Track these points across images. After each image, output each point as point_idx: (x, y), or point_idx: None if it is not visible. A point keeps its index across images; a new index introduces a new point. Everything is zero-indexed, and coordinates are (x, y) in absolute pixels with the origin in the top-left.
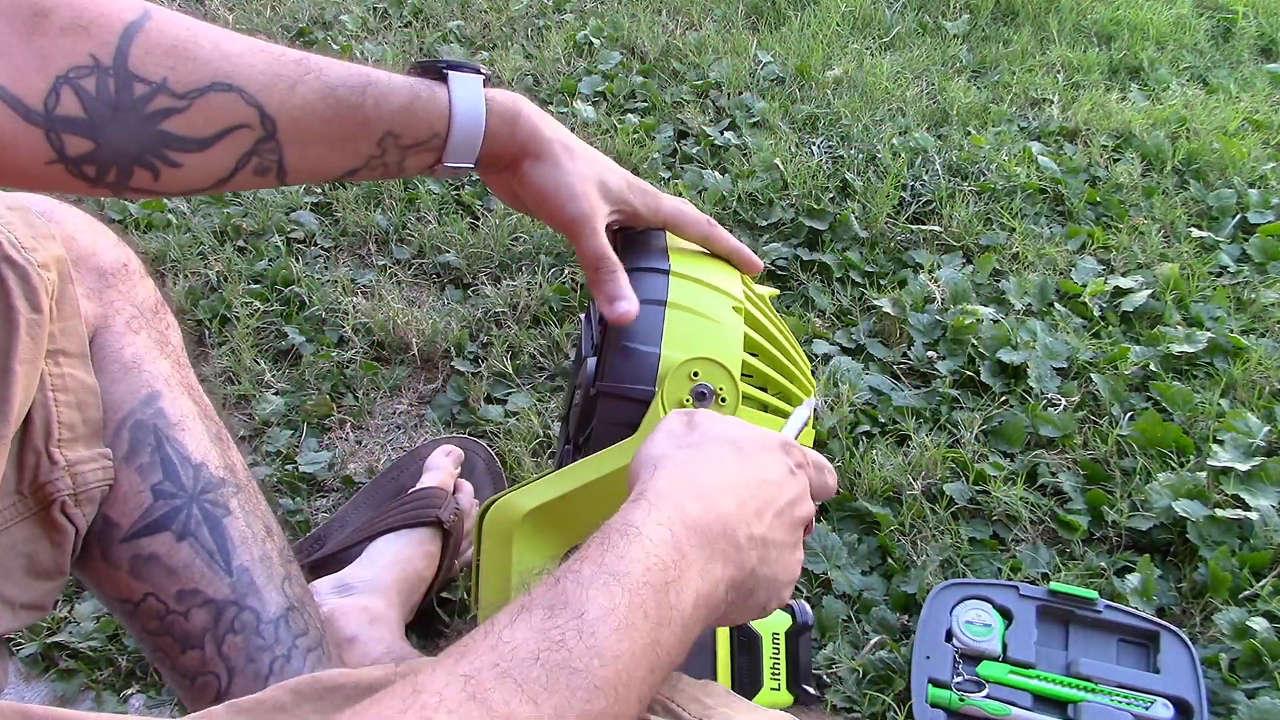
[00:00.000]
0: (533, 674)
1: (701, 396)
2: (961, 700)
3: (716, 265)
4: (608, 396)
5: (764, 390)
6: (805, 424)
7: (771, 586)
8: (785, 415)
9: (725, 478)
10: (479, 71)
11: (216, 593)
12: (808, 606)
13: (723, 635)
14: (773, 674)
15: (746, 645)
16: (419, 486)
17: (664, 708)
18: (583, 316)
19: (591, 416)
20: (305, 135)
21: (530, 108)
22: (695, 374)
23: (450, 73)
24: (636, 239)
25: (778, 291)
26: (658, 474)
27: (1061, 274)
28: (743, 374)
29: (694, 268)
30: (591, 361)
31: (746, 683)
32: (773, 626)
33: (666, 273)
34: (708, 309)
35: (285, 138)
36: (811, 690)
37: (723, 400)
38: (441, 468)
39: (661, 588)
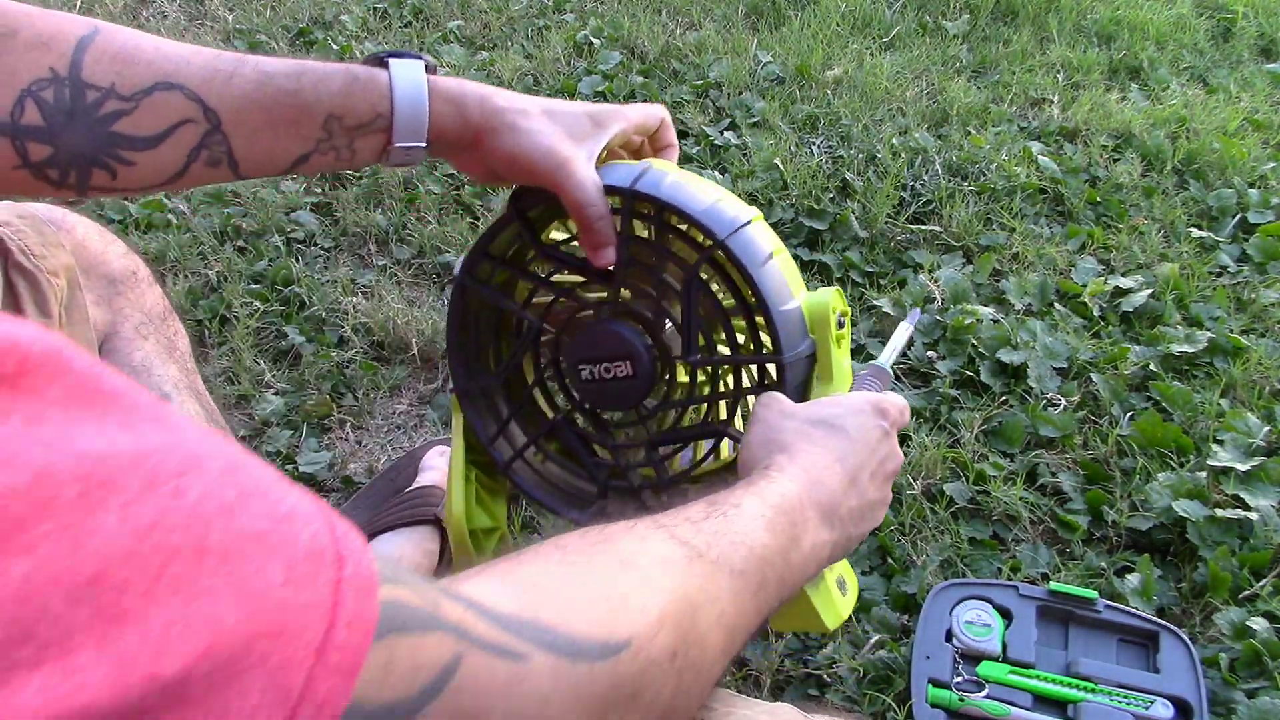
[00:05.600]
0: (705, 526)
1: (840, 325)
2: (961, 700)
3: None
4: (793, 366)
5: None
6: (905, 345)
7: (860, 537)
8: None
9: (828, 457)
10: (420, 58)
11: None
12: None
13: None
14: None
15: None
16: (415, 486)
17: None
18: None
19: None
20: (249, 124)
21: (477, 86)
22: (834, 309)
23: (390, 59)
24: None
25: None
26: (777, 457)
27: (1061, 274)
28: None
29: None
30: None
31: None
32: None
33: (749, 223)
34: (779, 245)
35: (230, 129)
36: None
37: (843, 321)
38: (436, 467)
39: (792, 522)
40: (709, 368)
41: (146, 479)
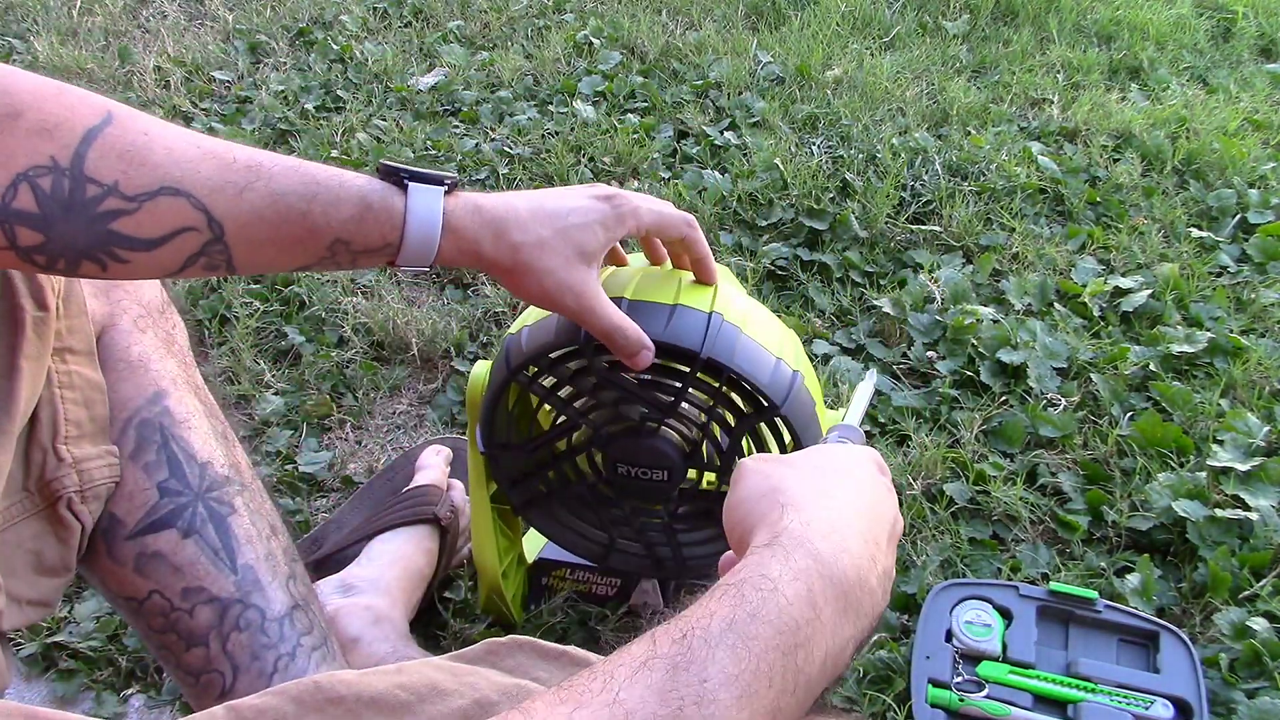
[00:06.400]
0: None
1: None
2: (961, 700)
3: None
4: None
5: None
6: (869, 404)
7: (881, 615)
8: None
9: (848, 513)
10: (442, 182)
11: (221, 590)
12: None
13: None
14: None
15: None
16: (413, 485)
17: None
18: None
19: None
20: (253, 239)
21: (493, 213)
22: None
23: (410, 184)
24: None
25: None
26: (787, 513)
27: (1061, 274)
28: None
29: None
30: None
31: None
32: None
33: (798, 374)
34: (810, 371)
35: (233, 240)
36: None
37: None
38: (433, 466)
39: (790, 650)
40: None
41: None
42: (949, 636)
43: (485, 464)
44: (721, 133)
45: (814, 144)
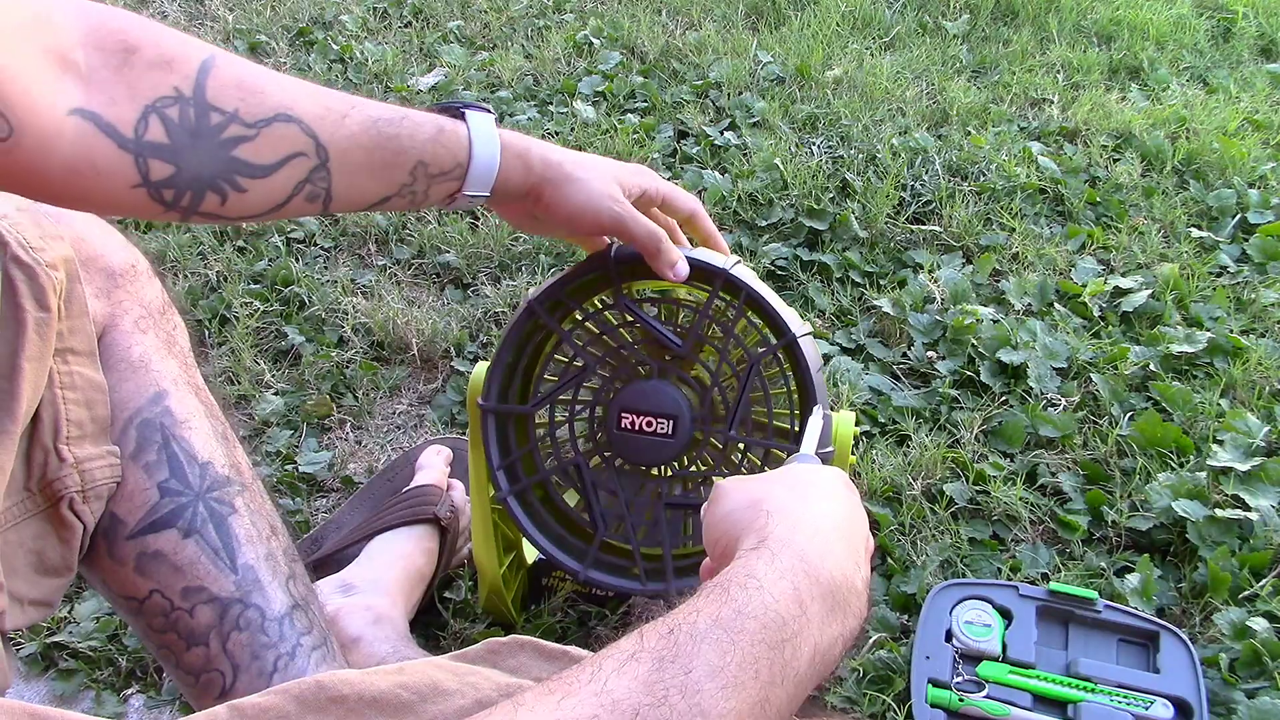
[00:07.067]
0: None
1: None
2: (961, 700)
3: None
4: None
5: None
6: (820, 432)
7: (867, 618)
8: None
9: (829, 521)
10: (489, 111)
11: (221, 590)
12: None
13: None
14: None
15: None
16: (413, 485)
17: None
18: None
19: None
20: (351, 163)
21: (536, 141)
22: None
23: (467, 111)
24: None
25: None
26: (772, 518)
27: (1061, 274)
28: None
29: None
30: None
31: None
32: None
33: (809, 333)
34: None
35: (335, 166)
36: None
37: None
38: (433, 466)
39: (777, 645)
40: (738, 446)
41: None
42: (949, 636)
43: (486, 467)
44: (721, 133)
45: (814, 144)
